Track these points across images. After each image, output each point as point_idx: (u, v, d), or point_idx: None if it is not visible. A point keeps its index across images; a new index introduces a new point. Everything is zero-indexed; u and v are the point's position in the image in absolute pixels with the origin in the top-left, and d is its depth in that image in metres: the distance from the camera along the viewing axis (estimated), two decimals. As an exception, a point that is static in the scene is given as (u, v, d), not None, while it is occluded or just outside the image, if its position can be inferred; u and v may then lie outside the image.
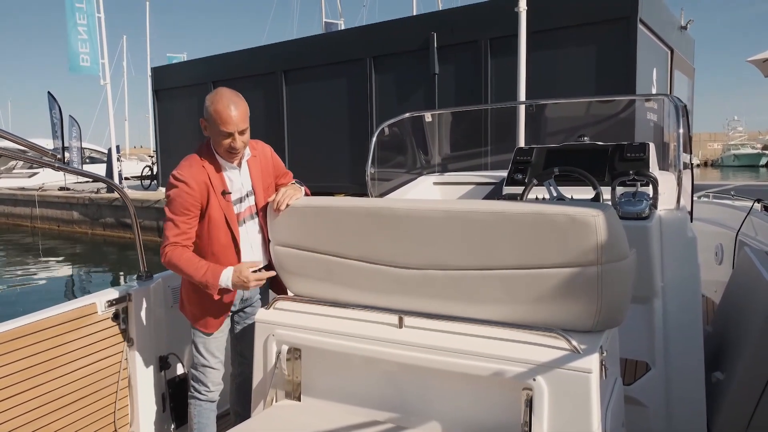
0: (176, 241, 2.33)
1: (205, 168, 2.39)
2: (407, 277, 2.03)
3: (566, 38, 9.22)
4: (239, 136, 2.34)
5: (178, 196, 2.33)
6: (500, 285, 1.89)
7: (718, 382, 2.66)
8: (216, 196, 2.39)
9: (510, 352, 1.80)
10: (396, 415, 1.97)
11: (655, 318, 2.58)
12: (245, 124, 2.34)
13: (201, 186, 2.36)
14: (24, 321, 2.34)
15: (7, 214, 18.47)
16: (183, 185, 2.33)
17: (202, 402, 2.55)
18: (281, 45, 12.98)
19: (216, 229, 2.40)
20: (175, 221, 2.34)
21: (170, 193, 2.36)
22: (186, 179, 2.33)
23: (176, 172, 2.36)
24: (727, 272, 4.11)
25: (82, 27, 14.38)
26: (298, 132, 12.82)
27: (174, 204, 2.34)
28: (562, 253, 1.77)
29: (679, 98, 2.91)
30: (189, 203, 2.34)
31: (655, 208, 2.68)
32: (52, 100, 16.95)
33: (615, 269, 1.75)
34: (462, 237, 1.90)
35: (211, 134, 2.38)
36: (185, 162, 2.41)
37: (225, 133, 2.31)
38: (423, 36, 10.68)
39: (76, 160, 17.93)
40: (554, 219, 1.75)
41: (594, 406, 1.67)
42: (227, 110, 2.28)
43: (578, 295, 1.79)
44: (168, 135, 15.65)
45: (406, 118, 4.13)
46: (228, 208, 2.42)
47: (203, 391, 2.54)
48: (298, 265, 2.26)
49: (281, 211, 2.22)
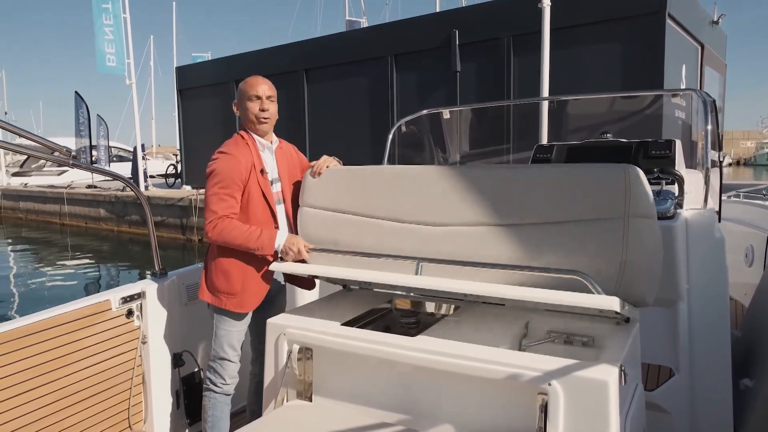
0: (224, 214, 2.38)
1: (248, 146, 2.50)
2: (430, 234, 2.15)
3: (591, 34, 9.04)
4: (267, 102, 2.50)
5: (224, 168, 2.39)
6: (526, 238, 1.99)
7: (747, 390, 2.56)
8: (256, 173, 2.48)
9: (525, 357, 1.75)
10: (407, 417, 1.93)
11: (680, 321, 2.49)
12: (272, 93, 2.54)
13: (247, 160, 2.44)
14: (37, 317, 2.35)
15: (37, 211, 18.93)
16: (230, 157, 2.40)
17: (217, 395, 2.55)
18: (302, 43, 13.03)
19: (254, 206, 2.47)
20: (221, 195, 2.38)
21: (216, 167, 2.40)
22: (232, 152, 2.42)
23: (222, 149, 2.44)
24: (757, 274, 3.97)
25: (108, 27, 14.63)
26: (320, 130, 12.86)
27: (220, 176, 2.39)
28: (590, 206, 1.87)
29: (708, 93, 2.80)
30: (236, 176, 2.40)
31: (680, 207, 2.58)
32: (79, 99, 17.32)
33: (642, 225, 1.82)
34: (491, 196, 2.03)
35: (241, 109, 2.51)
36: (230, 141, 2.50)
37: (254, 97, 2.48)
38: (445, 33, 10.60)
39: (104, 159, 18.30)
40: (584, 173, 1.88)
41: (612, 412, 1.61)
42: (255, 78, 2.52)
43: (604, 244, 1.84)
44: (192, 133, 15.85)
45: (423, 115, 4.08)
46: (266, 186, 2.51)
47: (219, 383, 2.54)
48: (324, 225, 2.38)
49: (320, 174, 2.43)
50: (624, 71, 8.82)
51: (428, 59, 10.96)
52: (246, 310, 2.51)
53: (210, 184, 2.41)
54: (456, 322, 2.12)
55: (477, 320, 2.13)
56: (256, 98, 2.49)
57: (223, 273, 2.49)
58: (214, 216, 2.38)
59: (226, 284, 2.48)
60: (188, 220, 13.86)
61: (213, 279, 2.51)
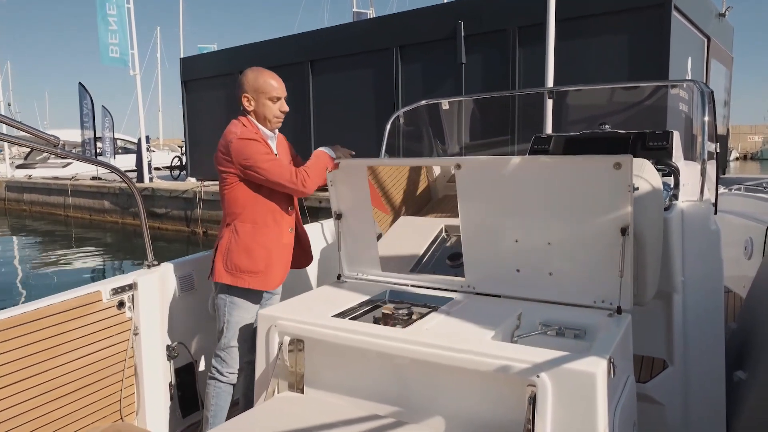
0: (292, 170, 2.44)
1: (258, 133, 2.53)
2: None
3: (596, 26, 8.96)
4: (284, 102, 2.58)
5: (258, 147, 2.43)
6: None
7: (741, 382, 2.55)
8: None
9: (515, 349, 1.74)
10: (399, 409, 1.93)
11: (675, 314, 2.47)
12: (286, 92, 2.61)
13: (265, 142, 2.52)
14: (25, 309, 2.33)
15: (41, 202, 19.02)
16: (254, 140, 2.44)
17: (222, 384, 2.58)
18: (308, 35, 12.98)
19: (273, 189, 2.51)
20: (275, 163, 2.43)
21: (250, 149, 2.42)
22: (254, 137, 2.45)
23: (241, 134, 2.45)
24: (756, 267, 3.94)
25: (112, 18, 14.60)
26: (325, 122, 12.84)
27: (260, 154, 2.42)
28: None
29: (707, 84, 2.78)
30: (268, 148, 2.48)
31: (676, 199, 2.57)
32: (83, 90, 17.34)
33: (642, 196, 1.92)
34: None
35: (258, 105, 2.52)
36: (239, 129, 2.49)
37: (276, 98, 2.53)
38: (450, 25, 10.53)
39: (109, 150, 18.34)
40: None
41: (600, 404, 1.60)
42: (273, 78, 2.55)
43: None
44: (197, 125, 15.85)
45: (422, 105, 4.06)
46: None
47: (225, 372, 2.56)
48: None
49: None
50: (629, 63, 8.74)
51: (433, 51, 10.90)
52: (271, 288, 2.55)
53: (260, 162, 2.42)
54: (448, 313, 2.12)
55: (469, 312, 2.13)
56: (278, 99, 2.54)
57: (246, 252, 2.51)
58: (289, 177, 2.43)
59: (250, 263, 2.50)
60: (193, 212, 13.88)
61: (234, 259, 2.51)
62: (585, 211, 2.00)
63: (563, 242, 2.08)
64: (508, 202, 2.13)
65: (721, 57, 11.49)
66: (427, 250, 2.84)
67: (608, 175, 1.91)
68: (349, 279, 2.64)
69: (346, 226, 2.58)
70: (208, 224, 13.60)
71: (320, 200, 10.72)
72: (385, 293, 2.47)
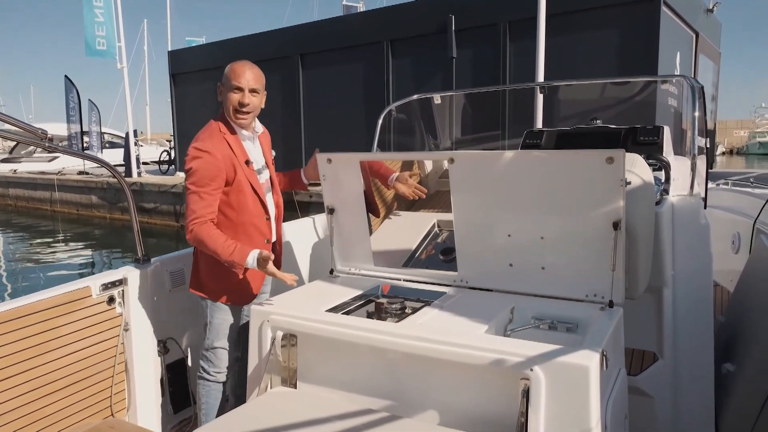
0: (203, 215, 2.28)
1: (225, 138, 2.36)
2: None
3: (587, 21, 9.00)
4: (250, 95, 2.35)
5: (202, 167, 2.28)
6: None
7: (728, 374, 2.58)
8: (241, 166, 2.37)
9: (508, 342, 1.75)
10: (392, 403, 1.93)
11: (665, 307, 2.50)
12: (258, 85, 2.36)
13: (224, 156, 2.33)
14: (13, 305, 2.29)
15: (27, 197, 18.79)
16: (206, 155, 2.28)
17: (211, 383, 2.56)
18: (298, 28, 12.90)
19: (245, 198, 2.39)
20: (200, 193, 2.29)
21: (193, 165, 2.29)
22: (209, 149, 2.30)
23: (197, 144, 2.32)
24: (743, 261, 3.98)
25: (98, 10, 14.41)
26: (315, 116, 12.78)
27: (198, 175, 2.28)
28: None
29: (696, 80, 2.79)
30: (213, 173, 2.29)
31: (666, 193, 2.58)
32: (69, 84, 17.11)
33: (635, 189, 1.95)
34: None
35: (223, 96, 2.37)
36: (203, 134, 2.37)
37: (235, 87, 2.33)
38: (441, 19, 10.51)
39: (96, 145, 18.13)
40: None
41: (593, 397, 1.61)
42: (242, 67, 2.33)
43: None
44: (185, 119, 15.73)
45: (414, 100, 4.05)
46: (253, 177, 2.43)
47: (213, 372, 2.54)
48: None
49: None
50: (619, 58, 8.79)
51: (424, 45, 10.88)
52: (241, 304, 2.50)
53: (188, 183, 2.30)
54: (441, 307, 2.12)
55: (462, 306, 2.13)
56: (238, 90, 2.33)
57: (212, 270, 2.44)
58: (193, 216, 2.28)
59: (217, 282, 2.45)
60: (182, 207, 13.79)
61: (203, 276, 2.47)
62: (577, 205, 2.00)
63: (556, 237, 2.09)
64: (501, 197, 2.13)
65: (709, 52, 11.58)
66: (419, 245, 2.84)
67: (601, 169, 1.92)
68: (341, 273, 2.64)
69: (338, 221, 2.57)
70: (198, 219, 13.50)
71: (311, 195, 10.69)
72: (377, 288, 2.47)
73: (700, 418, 2.50)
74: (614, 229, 1.97)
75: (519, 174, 2.06)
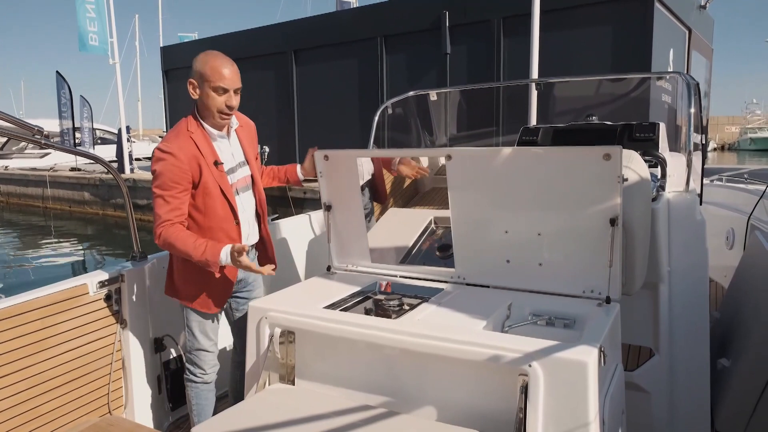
0: (169, 218, 2.22)
1: (193, 138, 2.29)
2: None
3: (581, 17, 9.00)
4: (235, 96, 2.27)
5: (166, 170, 2.21)
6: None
7: (724, 369, 2.60)
8: (208, 167, 2.29)
9: (506, 338, 1.75)
10: (391, 399, 1.94)
11: (661, 303, 2.51)
12: (240, 84, 2.28)
13: (190, 157, 2.25)
14: (11, 302, 2.29)
15: (19, 194, 18.64)
16: (170, 157, 2.22)
17: (198, 384, 2.53)
18: (291, 24, 12.85)
19: (212, 201, 2.31)
20: (165, 197, 2.23)
21: (157, 168, 2.23)
22: (172, 151, 2.23)
23: (161, 145, 2.25)
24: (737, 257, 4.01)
25: (90, 5, 14.28)
26: (309, 112, 12.74)
27: (162, 178, 2.22)
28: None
29: (692, 76, 2.81)
30: (178, 176, 2.23)
31: (662, 189, 2.60)
32: (60, 80, 16.96)
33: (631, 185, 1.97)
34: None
35: (202, 95, 2.27)
36: (171, 134, 2.30)
37: (222, 89, 2.23)
38: (435, 15, 10.49)
39: (88, 141, 17.99)
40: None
41: (591, 393, 1.62)
42: (225, 66, 2.21)
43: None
44: (178, 115, 15.62)
45: (410, 96, 4.04)
46: (222, 179, 2.33)
47: (198, 373, 2.52)
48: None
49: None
50: (613, 54, 8.80)
51: (418, 41, 10.86)
52: (212, 311, 2.45)
53: (153, 186, 2.25)
54: (439, 304, 2.13)
55: (460, 302, 2.13)
56: (223, 91, 2.24)
57: (186, 273, 2.41)
58: (159, 220, 2.23)
59: (190, 285, 2.41)
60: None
61: (177, 279, 2.44)
62: (575, 201, 2.01)
63: (553, 233, 2.10)
64: (499, 193, 2.14)
65: (701, 49, 11.62)
66: (416, 241, 2.84)
67: (598, 166, 1.93)
68: (338, 270, 2.64)
69: (335, 218, 2.56)
70: (191, 215, 13.45)
71: (305, 191, 10.66)
72: (375, 284, 2.47)
73: (696, 412, 2.52)
74: (611, 225, 1.98)
75: (516, 170, 2.07)
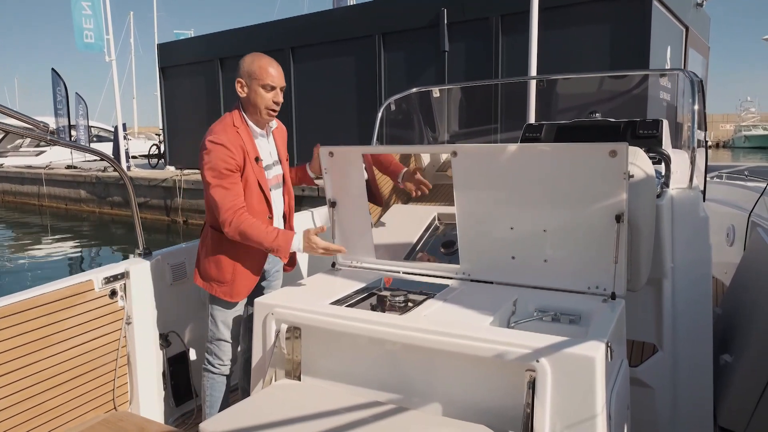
0: (234, 205, 2.30)
1: (239, 133, 2.38)
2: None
3: (579, 15, 9.01)
4: (280, 93, 2.40)
5: (220, 159, 2.29)
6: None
7: (726, 365, 2.62)
8: (250, 162, 2.39)
9: (513, 334, 1.76)
10: (397, 395, 1.94)
11: (664, 299, 2.52)
12: (285, 83, 2.42)
13: (238, 150, 2.34)
14: (17, 298, 2.29)
15: (14, 192, 18.56)
16: (222, 148, 2.30)
17: (215, 375, 2.56)
18: (289, 21, 12.81)
19: (250, 195, 2.40)
20: (224, 185, 2.30)
21: (211, 158, 2.30)
22: (224, 142, 2.31)
23: (212, 137, 2.33)
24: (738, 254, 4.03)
25: (86, 2, 14.23)
26: (306, 110, 12.72)
27: (218, 168, 2.29)
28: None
29: (695, 73, 2.82)
30: (232, 165, 2.31)
31: (666, 186, 2.61)
32: (56, 77, 16.89)
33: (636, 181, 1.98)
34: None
35: (251, 93, 2.38)
36: (218, 127, 2.38)
37: (269, 86, 2.36)
38: (433, 12, 10.48)
39: (83, 138, 17.92)
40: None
41: (599, 388, 1.63)
42: (272, 66, 2.37)
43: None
44: (175, 113, 15.58)
45: (413, 93, 4.04)
46: (261, 174, 2.43)
47: (217, 364, 2.55)
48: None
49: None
50: (611, 52, 8.82)
51: (416, 38, 10.84)
52: (235, 300, 2.49)
53: (208, 177, 2.31)
54: (445, 300, 2.13)
55: (466, 298, 2.14)
56: (271, 88, 2.37)
57: (214, 261, 2.47)
58: (224, 209, 2.29)
59: (217, 272, 2.47)
60: (172, 201, 13.69)
61: (205, 266, 2.50)
62: (580, 198, 2.02)
63: (558, 229, 2.10)
64: (504, 190, 2.14)
65: (698, 46, 11.66)
66: (420, 237, 2.84)
67: (604, 162, 1.93)
68: (343, 267, 2.64)
69: (340, 214, 2.57)
70: (189, 213, 13.44)
71: (303, 188, 10.66)
72: (380, 280, 2.47)
73: (698, 408, 2.54)
74: (617, 221, 1.99)
75: (522, 167, 2.07)
